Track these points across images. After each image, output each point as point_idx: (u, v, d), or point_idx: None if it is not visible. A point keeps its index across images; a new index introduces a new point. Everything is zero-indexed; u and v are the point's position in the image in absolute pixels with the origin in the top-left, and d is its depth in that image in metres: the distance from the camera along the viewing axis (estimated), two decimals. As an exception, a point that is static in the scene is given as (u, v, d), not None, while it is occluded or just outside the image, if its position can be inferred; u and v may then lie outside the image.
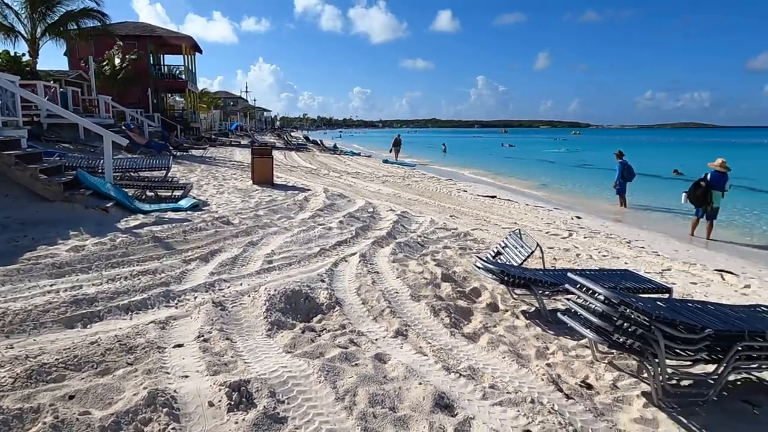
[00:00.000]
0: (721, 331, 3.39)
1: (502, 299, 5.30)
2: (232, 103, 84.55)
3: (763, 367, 3.63)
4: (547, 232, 9.76)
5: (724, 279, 7.15)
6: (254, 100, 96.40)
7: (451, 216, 10.71)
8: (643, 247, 9.11)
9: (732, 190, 11.75)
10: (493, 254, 6.31)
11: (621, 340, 3.36)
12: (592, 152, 49.21)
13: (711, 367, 3.60)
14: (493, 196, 15.36)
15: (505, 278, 4.83)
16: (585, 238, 9.52)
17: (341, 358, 3.44)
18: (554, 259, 7.50)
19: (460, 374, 3.35)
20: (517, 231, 6.58)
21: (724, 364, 3.43)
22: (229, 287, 4.89)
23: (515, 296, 5.39)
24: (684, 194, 11.52)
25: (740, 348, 3.43)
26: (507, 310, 4.98)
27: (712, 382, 3.49)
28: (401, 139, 33.67)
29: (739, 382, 3.83)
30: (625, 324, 3.32)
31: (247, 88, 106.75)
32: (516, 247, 6.14)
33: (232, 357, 3.42)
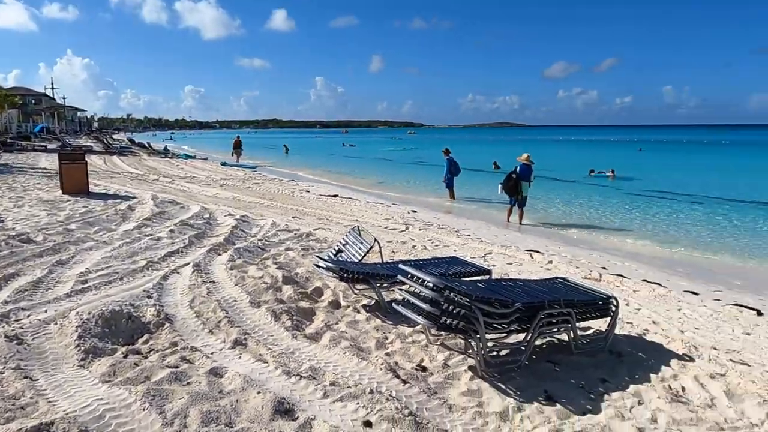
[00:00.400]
0: (528, 303, 3.89)
1: (344, 296, 5.39)
2: (33, 102, 72.73)
3: (562, 329, 4.26)
4: (386, 227, 10.22)
5: (533, 257, 8.25)
6: (63, 98, 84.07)
7: (293, 217, 10.61)
8: (469, 235, 10.07)
9: (537, 180, 13.65)
10: (335, 252, 6.39)
11: (448, 322, 3.64)
12: (426, 150, 53.02)
13: (522, 336, 4.10)
14: (335, 196, 15.62)
15: (345, 275, 4.92)
16: (420, 230, 10.19)
17: (170, 379, 3.15)
18: (393, 252, 7.88)
19: (301, 376, 3.32)
20: (356, 228, 6.76)
21: (531, 332, 3.94)
22: (29, 316, 4.17)
23: (356, 291, 5.52)
24: (500, 185, 13.04)
25: (543, 316, 3.97)
26: (349, 306, 5.08)
27: (523, 348, 3.98)
28: (241, 140, 32.38)
29: (544, 346, 4.43)
30: (450, 306, 3.62)
31: (53, 84, 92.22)
32: (355, 244, 6.30)
33: (31, 398, 2.91)
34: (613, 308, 4.46)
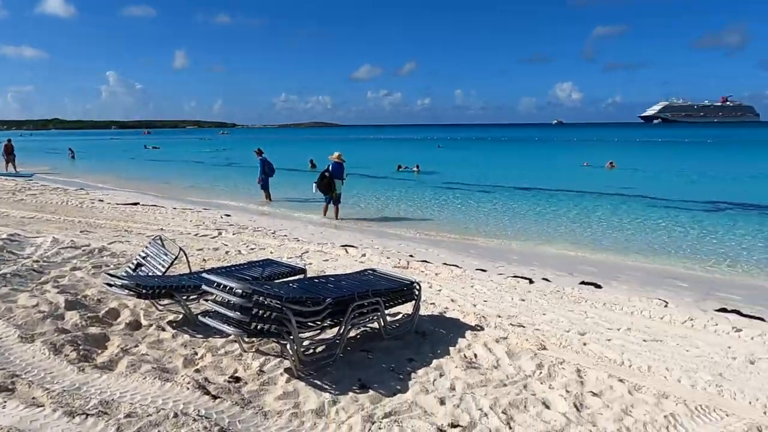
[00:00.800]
0: (339, 298, 4.00)
1: (146, 314, 4.87)
2: None
3: (373, 318, 4.48)
4: (196, 234, 9.56)
5: (348, 252, 8.55)
6: None
7: (82, 231, 9.23)
8: (286, 236, 10.00)
9: (350, 177, 14.20)
10: (133, 267, 5.74)
11: (259, 327, 3.53)
12: (239, 151, 51.13)
13: (336, 330, 4.19)
14: (135, 204, 14.05)
15: (143, 291, 4.44)
16: (234, 234, 9.77)
17: None
18: (204, 260, 7.40)
19: (88, 414, 2.88)
20: (158, 238, 6.17)
21: (344, 325, 4.06)
22: None
23: (161, 308, 5.03)
24: (314, 184, 13.24)
25: (354, 308, 4.12)
26: (151, 325, 4.60)
27: (338, 342, 4.08)
28: (13, 144, 26.94)
29: (358, 336, 4.62)
30: (261, 311, 3.52)
31: None
32: (158, 256, 5.74)
33: None
34: (417, 292, 4.86)
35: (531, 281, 7.11)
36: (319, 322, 3.90)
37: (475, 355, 4.28)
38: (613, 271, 8.39)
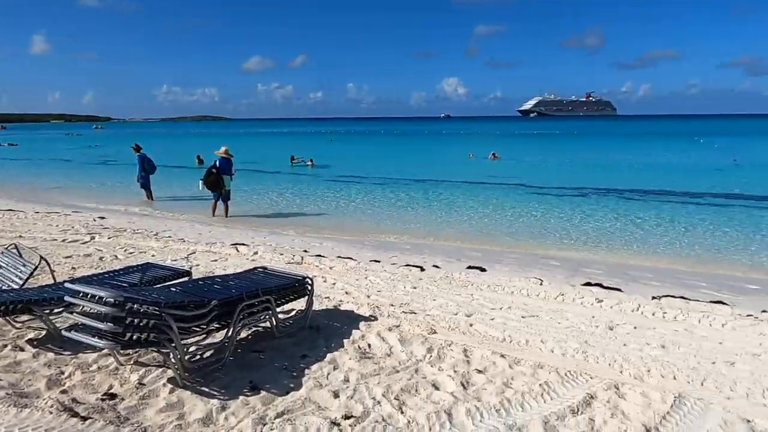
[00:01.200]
0: (225, 299, 3.82)
1: (0, 334, 4.28)
2: None
3: (264, 318, 4.35)
4: (63, 240, 8.60)
5: (238, 251, 8.22)
6: None
7: None
8: (170, 237, 9.36)
9: (241, 173, 13.66)
10: (-19, 282, 5.01)
11: (135, 337, 3.26)
12: (115, 147, 46.88)
13: (225, 333, 4.00)
14: (-13, 209, 12.29)
15: (-7, 308, 3.89)
16: (109, 238, 8.94)
17: None
18: (73, 268, 6.69)
19: None
20: (13, 246, 5.45)
21: (233, 327, 3.89)
22: None
23: (18, 325, 4.45)
24: (201, 181, 12.54)
25: (243, 308, 3.96)
26: (6, 346, 4.05)
27: (226, 345, 3.90)
28: None
29: (250, 337, 4.46)
30: (137, 320, 3.25)
31: None
32: (14, 267, 5.07)
33: None
34: (309, 287, 4.80)
35: (422, 269, 7.38)
36: (204, 326, 3.70)
37: (369, 345, 4.34)
38: (496, 255, 8.99)
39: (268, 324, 4.46)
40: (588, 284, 6.82)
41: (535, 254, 9.22)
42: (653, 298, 6.14)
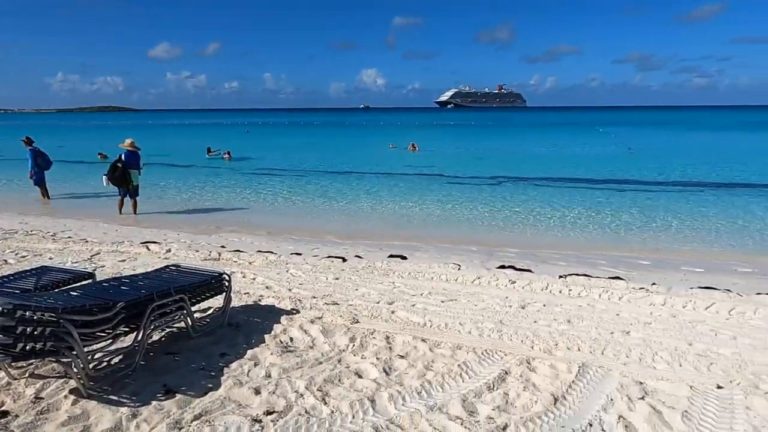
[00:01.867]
0: (133, 301, 3.58)
1: None
2: None
3: (178, 318, 4.14)
4: (-60, 246, 7.65)
5: (149, 249, 7.75)
6: None
7: None
8: (70, 237, 8.63)
9: (151, 167, 12.84)
10: None
11: (29, 347, 2.98)
12: (1, 140, 42.27)
13: (135, 336, 3.77)
14: None
15: None
16: (-2, 241, 8.08)
17: None
18: (-47, 276, 5.95)
19: None
20: None
21: (143, 329, 3.66)
22: None
23: None
24: (104, 177, 11.66)
25: (153, 309, 3.74)
26: None
27: (137, 349, 3.68)
28: None
29: (163, 339, 4.23)
30: (30, 328, 2.97)
31: None
32: None
33: None
34: (227, 284, 4.63)
35: (344, 260, 7.37)
36: (110, 330, 3.45)
37: (291, 339, 4.28)
38: (417, 243, 9.19)
39: (183, 324, 4.26)
40: (502, 267, 7.17)
41: (453, 241, 9.54)
42: (560, 277, 6.58)
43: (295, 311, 4.96)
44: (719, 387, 3.52)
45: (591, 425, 3.05)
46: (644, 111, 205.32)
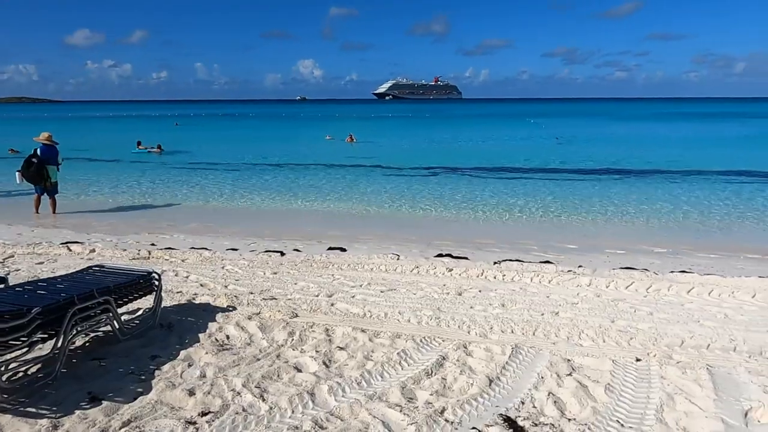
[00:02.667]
0: (50, 305, 3.34)
1: None
2: None
3: (103, 321, 3.90)
4: None
5: (71, 250, 7.27)
6: None
7: None
8: (-21, 240, 7.92)
9: (70, 162, 11.99)
10: None
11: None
12: None
13: (54, 343, 3.52)
14: None
15: None
16: None
17: None
18: None
19: None
20: None
21: (63, 335, 3.43)
22: None
23: None
24: (18, 173, 10.77)
25: (75, 313, 3.51)
26: None
27: (56, 356, 3.44)
28: None
29: (88, 343, 3.99)
30: (-71, 340, 2.70)
31: None
32: None
33: None
34: (157, 283, 4.43)
35: (282, 254, 7.26)
36: (25, 338, 3.20)
37: (228, 337, 4.16)
38: (356, 234, 9.20)
39: (109, 328, 4.03)
40: (440, 256, 7.33)
41: (391, 230, 9.63)
42: (495, 263, 6.81)
43: (231, 308, 4.83)
44: (638, 359, 3.79)
45: (523, 403, 3.18)
46: (571, 103, 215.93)
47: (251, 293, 5.34)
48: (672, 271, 6.37)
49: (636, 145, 28.57)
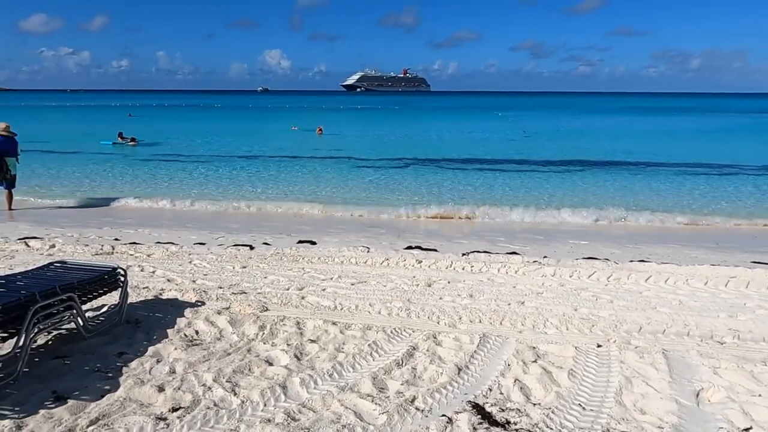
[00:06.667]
0: (10, 303, 3.25)
1: None
2: None
3: (66, 318, 3.81)
4: None
5: (29, 246, 7.01)
6: None
7: None
8: (-72, 236, 7.55)
9: (29, 154, 11.50)
10: None
11: None
12: None
13: (15, 342, 3.42)
14: None
15: None
16: None
17: None
18: None
19: None
20: None
21: (24, 334, 3.33)
22: None
23: None
24: (-28, 166, 10.28)
25: (36, 311, 3.41)
26: None
27: (18, 356, 3.34)
28: None
29: (51, 342, 3.89)
30: None
31: None
32: None
33: None
34: (122, 278, 4.34)
35: (252, 247, 7.19)
36: (-16, 338, 3.11)
37: (197, 332, 4.12)
38: (326, 227, 9.19)
39: (73, 325, 3.93)
40: (409, 247, 7.41)
41: (362, 223, 9.67)
42: (463, 254, 6.93)
43: (200, 303, 4.78)
44: (599, 345, 3.95)
45: (491, 390, 3.29)
46: (537, 96, 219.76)
47: (220, 288, 5.29)
48: (631, 261, 6.63)
49: (598, 137, 29.39)
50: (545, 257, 6.78)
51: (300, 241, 7.75)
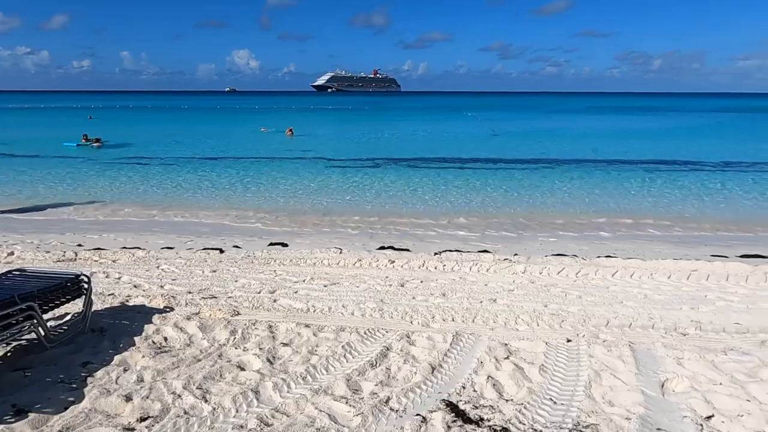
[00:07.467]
0: (-35, 314, 3.10)
1: None
2: None
3: (27, 328, 3.66)
4: None
5: (-14, 253, 6.72)
6: None
7: None
8: None
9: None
10: None
11: None
12: None
13: (-29, 355, 3.28)
14: None
15: None
16: None
17: None
18: None
19: None
20: None
21: (-19, 345, 3.19)
22: None
23: None
24: None
25: (-6, 321, 3.27)
26: None
27: (-25, 369, 3.20)
28: None
29: (10, 353, 3.73)
30: None
31: None
32: None
33: None
34: (86, 285, 4.20)
35: (222, 251, 7.08)
36: (-63, 351, 2.96)
37: (165, 339, 4.02)
38: (298, 229, 9.11)
39: (34, 335, 3.78)
40: (382, 248, 7.41)
41: (334, 224, 9.62)
42: (435, 253, 6.98)
43: (168, 309, 4.66)
44: (568, 340, 4.03)
45: (464, 387, 3.31)
46: (505, 96, 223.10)
47: (189, 293, 5.18)
48: (599, 256, 6.80)
49: (565, 137, 30.03)
50: (516, 255, 6.89)
51: (271, 244, 7.67)
